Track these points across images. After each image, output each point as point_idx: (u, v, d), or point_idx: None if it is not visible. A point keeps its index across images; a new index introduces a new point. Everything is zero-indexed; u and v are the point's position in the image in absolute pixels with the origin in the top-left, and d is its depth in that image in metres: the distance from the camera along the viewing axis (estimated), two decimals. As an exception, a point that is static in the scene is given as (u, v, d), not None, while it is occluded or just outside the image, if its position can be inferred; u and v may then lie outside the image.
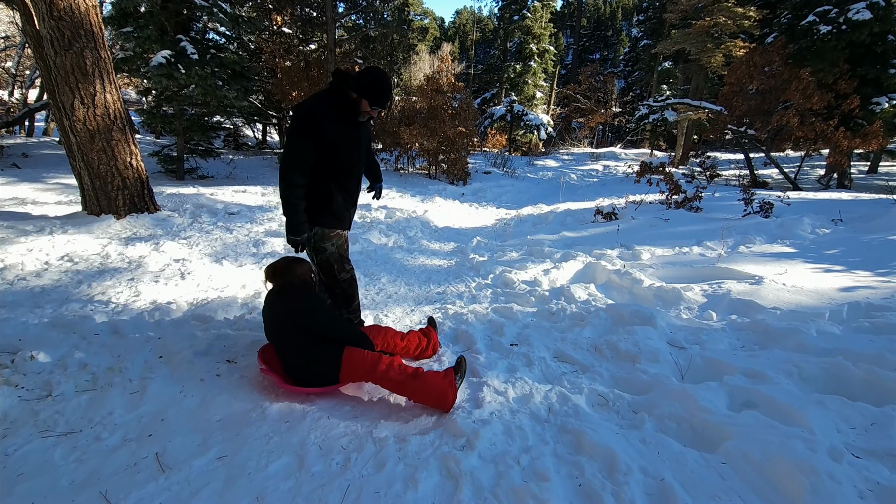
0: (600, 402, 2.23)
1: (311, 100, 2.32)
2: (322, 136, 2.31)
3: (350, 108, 2.38)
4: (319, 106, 2.31)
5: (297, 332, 2.20)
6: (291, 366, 2.23)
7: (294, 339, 2.21)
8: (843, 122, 11.24)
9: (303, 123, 2.28)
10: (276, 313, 2.25)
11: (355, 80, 2.32)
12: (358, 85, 2.32)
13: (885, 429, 1.82)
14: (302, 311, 2.20)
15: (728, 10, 15.44)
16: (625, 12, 46.99)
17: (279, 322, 2.24)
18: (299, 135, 2.30)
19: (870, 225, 5.35)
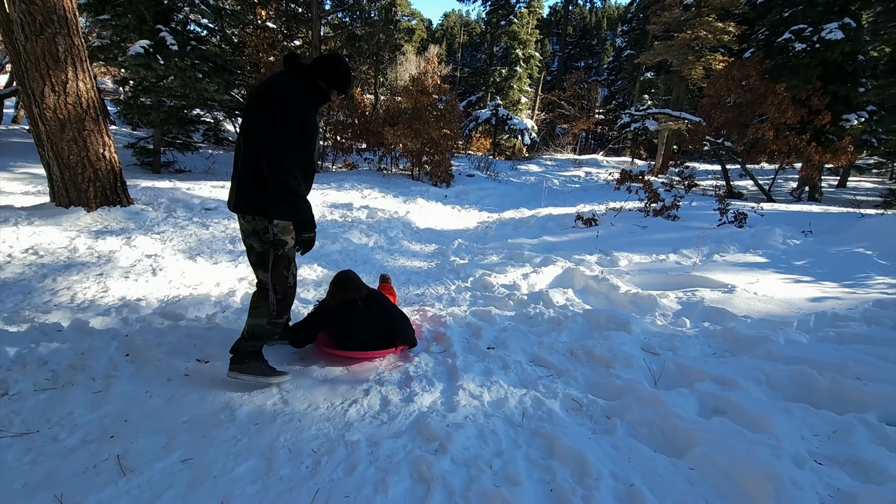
0: (574, 406, 2.24)
1: (296, 87, 2.12)
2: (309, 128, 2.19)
3: (323, 99, 2.30)
4: (304, 94, 2.17)
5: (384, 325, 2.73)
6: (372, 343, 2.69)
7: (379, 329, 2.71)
8: (815, 136, 11.62)
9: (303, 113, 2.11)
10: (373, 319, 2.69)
11: (324, 71, 2.23)
12: (329, 77, 2.24)
13: (847, 436, 1.87)
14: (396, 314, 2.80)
15: (709, 24, 15.82)
16: (610, 22, 47.79)
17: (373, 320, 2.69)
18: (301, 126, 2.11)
19: (838, 237, 5.53)
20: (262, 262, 2.24)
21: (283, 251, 2.23)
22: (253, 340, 2.28)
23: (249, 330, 2.27)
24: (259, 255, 2.24)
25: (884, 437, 1.87)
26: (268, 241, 2.20)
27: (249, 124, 2.11)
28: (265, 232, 2.20)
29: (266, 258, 2.23)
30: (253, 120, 2.08)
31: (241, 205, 2.20)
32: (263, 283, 2.27)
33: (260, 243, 2.22)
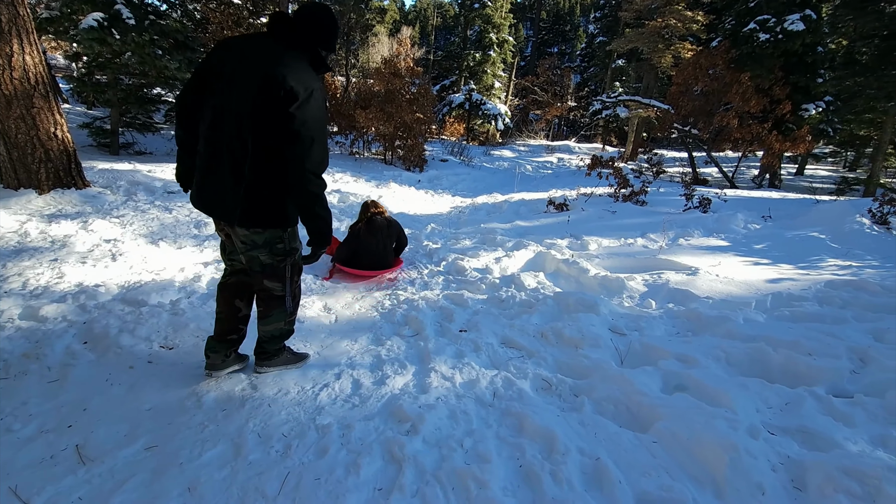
0: (544, 386, 2.28)
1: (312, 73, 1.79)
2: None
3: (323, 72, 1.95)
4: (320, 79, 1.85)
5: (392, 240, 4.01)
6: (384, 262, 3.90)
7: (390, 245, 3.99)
8: (776, 125, 12.04)
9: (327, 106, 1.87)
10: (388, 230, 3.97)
11: (326, 38, 1.86)
12: (331, 42, 1.89)
13: (797, 408, 1.98)
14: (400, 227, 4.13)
15: (678, 12, 16.05)
16: (583, 8, 47.88)
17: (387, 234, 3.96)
18: (325, 118, 1.82)
19: (794, 222, 5.78)
20: (274, 274, 2.01)
21: (293, 259, 2.05)
22: (275, 341, 2.20)
23: (267, 335, 2.16)
24: (269, 266, 1.99)
25: (831, 408, 1.99)
26: (281, 252, 1.97)
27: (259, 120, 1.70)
28: (279, 242, 1.95)
29: (279, 270, 2.01)
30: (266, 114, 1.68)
31: (251, 217, 1.83)
32: (272, 290, 2.06)
33: (270, 255, 1.96)
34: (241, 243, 1.93)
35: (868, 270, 3.97)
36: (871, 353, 2.39)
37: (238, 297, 2.14)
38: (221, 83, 1.75)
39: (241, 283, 2.12)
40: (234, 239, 1.96)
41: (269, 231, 1.90)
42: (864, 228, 5.07)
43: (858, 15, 10.88)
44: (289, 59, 1.72)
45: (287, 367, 2.30)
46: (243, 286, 2.13)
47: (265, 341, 2.18)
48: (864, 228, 5.07)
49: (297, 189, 1.77)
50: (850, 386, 2.20)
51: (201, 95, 1.83)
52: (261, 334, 2.17)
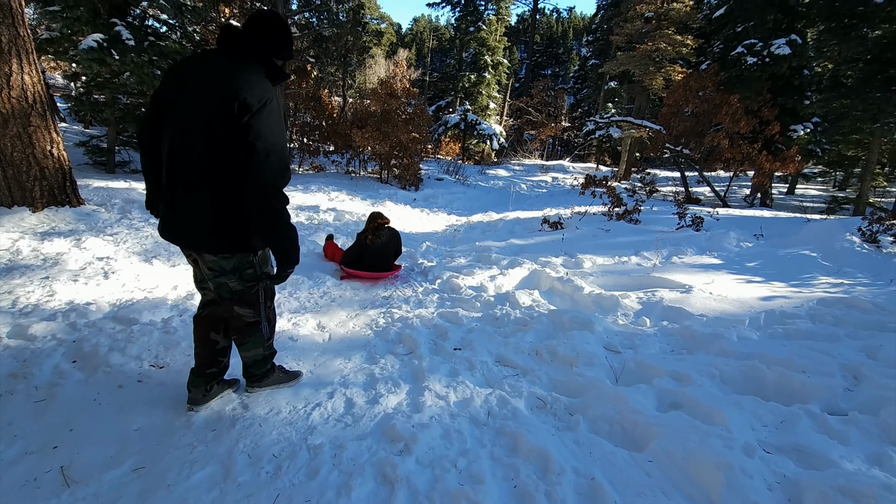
0: (538, 404, 2.27)
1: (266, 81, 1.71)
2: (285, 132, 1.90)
3: (284, 79, 1.90)
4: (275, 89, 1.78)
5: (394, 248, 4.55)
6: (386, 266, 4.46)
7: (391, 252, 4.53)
8: (765, 146, 12.26)
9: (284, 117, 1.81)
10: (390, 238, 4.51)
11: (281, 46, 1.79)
12: (286, 50, 1.82)
13: (792, 426, 1.98)
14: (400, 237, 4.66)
15: (668, 37, 16.49)
16: (576, 32, 49.06)
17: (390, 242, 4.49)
18: (283, 130, 1.73)
19: (786, 240, 5.84)
20: (244, 300, 1.92)
21: (267, 283, 1.96)
22: (259, 365, 2.15)
23: (250, 361, 2.12)
24: (239, 293, 1.90)
25: (825, 426, 1.98)
26: (251, 277, 1.89)
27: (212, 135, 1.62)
28: (248, 267, 1.86)
29: (250, 295, 1.93)
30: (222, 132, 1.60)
31: (217, 242, 1.74)
32: (244, 317, 1.96)
33: (240, 281, 1.87)
34: (209, 270, 1.83)
35: (859, 288, 4.00)
36: (864, 370, 2.40)
37: (213, 329, 2.03)
38: (175, 107, 1.69)
39: (214, 314, 2.02)
40: (202, 266, 1.86)
41: (238, 256, 1.81)
42: (854, 247, 5.12)
43: (842, 40, 11.21)
44: (241, 71, 1.65)
45: (279, 386, 2.27)
46: (218, 318, 2.03)
47: (250, 366, 2.15)
48: (854, 247, 5.12)
49: (255, 205, 1.65)
50: (844, 404, 2.20)
51: (160, 123, 1.76)
52: (244, 360, 2.14)
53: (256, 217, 1.68)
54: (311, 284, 3.99)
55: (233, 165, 1.63)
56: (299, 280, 4.00)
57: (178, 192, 1.71)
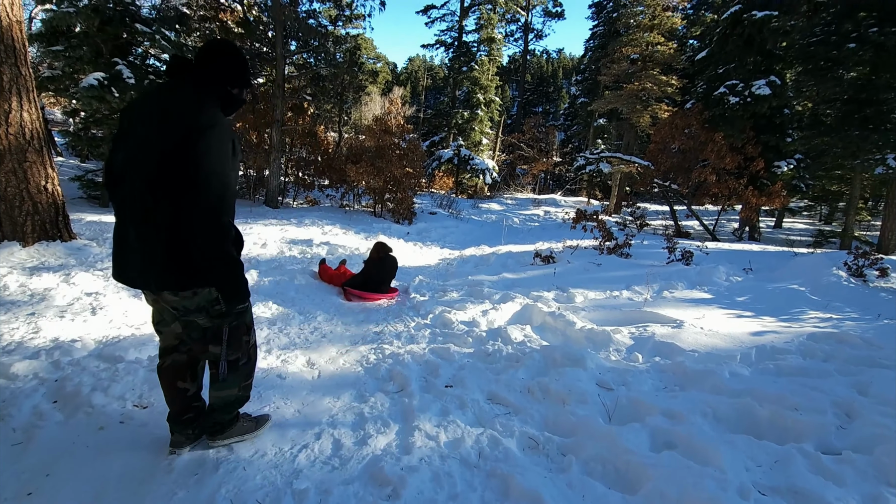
0: (531, 444, 2.23)
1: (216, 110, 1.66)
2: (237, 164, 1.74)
3: (239, 107, 1.87)
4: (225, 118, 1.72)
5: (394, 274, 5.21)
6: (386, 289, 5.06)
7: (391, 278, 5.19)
8: (751, 181, 12.58)
9: (232, 144, 1.65)
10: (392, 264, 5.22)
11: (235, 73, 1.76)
12: (242, 78, 1.78)
13: (787, 466, 1.95)
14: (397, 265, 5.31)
15: (654, 77, 17.16)
16: (565, 71, 50.83)
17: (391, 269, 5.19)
18: (233, 160, 1.66)
19: (774, 274, 5.91)
20: (214, 338, 1.83)
21: (239, 321, 1.87)
22: (229, 409, 1.99)
23: (220, 402, 1.95)
24: (211, 330, 1.81)
25: (820, 465, 1.96)
26: (220, 313, 1.78)
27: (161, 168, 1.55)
28: (216, 303, 1.75)
29: (220, 333, 1.82)
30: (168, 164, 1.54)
31: (176, 280, 1.64)
32: (218, 356, 1.85)
33: (209, 318, 1.78)
34: (173, 310, 1.75)
35: (848, 323, 4.03)
36: (856, 407, 2.39)
37: (180, 378, 1.94)
38: (125, 145, 1.66)
39: (177, 363, 1.93)
40: (164, 307, 1.77)
41: (203, 292, 1.71)
42: (841, 281, 5.19)
43: (819, 81, 11.71)
44: (187, 101, 1.61)
45: (245, 437, 2.09)
46: (181, 366, 1.93)
47: (217, 409, 1.96)
48: (841, 281, 5.19)
49: (194, 237, 1.56)
50: (838, 442, 2.18)
51: None
52: (212, 400, 1.95)
53: (198, 249, 1.58)
54: (301, 320, 3.96)
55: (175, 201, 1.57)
56: (290, 315, 3.98)
57: (129, 231, 1.65)
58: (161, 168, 1.55)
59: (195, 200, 1.53)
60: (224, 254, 1.62)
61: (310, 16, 11.23)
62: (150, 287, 1.69)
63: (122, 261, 1.72)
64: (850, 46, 10.39)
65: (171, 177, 1.55)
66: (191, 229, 1.56)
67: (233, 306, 1.76)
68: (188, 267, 1.63)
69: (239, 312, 1.82)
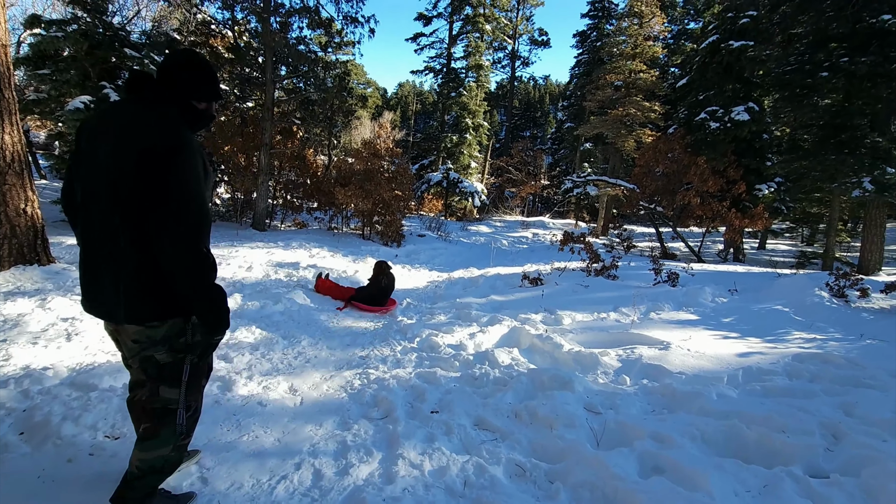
0: (517, 472, 2.17)
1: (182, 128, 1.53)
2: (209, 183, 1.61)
3: (208, 122, 1.76)
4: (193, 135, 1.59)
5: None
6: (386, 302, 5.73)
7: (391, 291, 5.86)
8: (734, 203, 12.83)
9: (205, 167, 1.54)
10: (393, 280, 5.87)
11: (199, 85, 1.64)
12: (208, 90, 1.66)
13: (776, 490, 1.92)
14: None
15: (637, 103, 17.65)
16: (552, 97, 52.04)
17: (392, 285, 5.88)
18: (206, 181, 1.54)
19: (759, 295, 5.97)
20: (173, 377, 1.62)
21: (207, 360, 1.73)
22: (152, 476, 1.69)
23: (145, 466, 1.65)
24: (168, 367, 1.61)
25: (809, 489, 1.93)
26: (183, 347, 1.61)
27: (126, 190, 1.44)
28: (181, 335, 1.60)
29: (179, 370, 1.62)
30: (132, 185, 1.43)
31: (142, 309, 1.52)
32: (169, 402, 1.63)
33: (170, 353, 1.60)
34: (134, 343, 1.57)
35: (832, 343, 4.06)
36: (843, 428, 2.38)
37: None
38: (84, 166, 1.54)
39: None
40: (125, 340, 1.61)
41: (169, 322, 1.56)
42: (823, 301, 5.26)
43: (796, 107, 12.13)
44: (150, 117, 1.50)
45: None
46: None
47: (137, 477, 1.66)
48: (823, 301, 5.26)
49: (175, 267, 1.46)
50: (826, 464, 2.16)
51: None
52: (134, 465, 1.66)
53: (173, 278, 1.48)
54: (285, 344, 3.88)
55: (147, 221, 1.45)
56: (273, 340, 3.90)
57: (93, 259, 1.54)
58: (125, 192, 1.44)
59: (171, 229, 1.43)
60: (209, 285, 1.53)
61: (300, 42, 11.41)
62: (117, 318, 1.54)
63: (88, 290, 1.59)
64: (823, 75, 10.81)
65: (137, 201, 1.44)
66: (169, 260, 1.45)
67: (212, 337, 1.66)
68: (160, 296, 1.52)
69: (206, 348, 1.68)
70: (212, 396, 2.74)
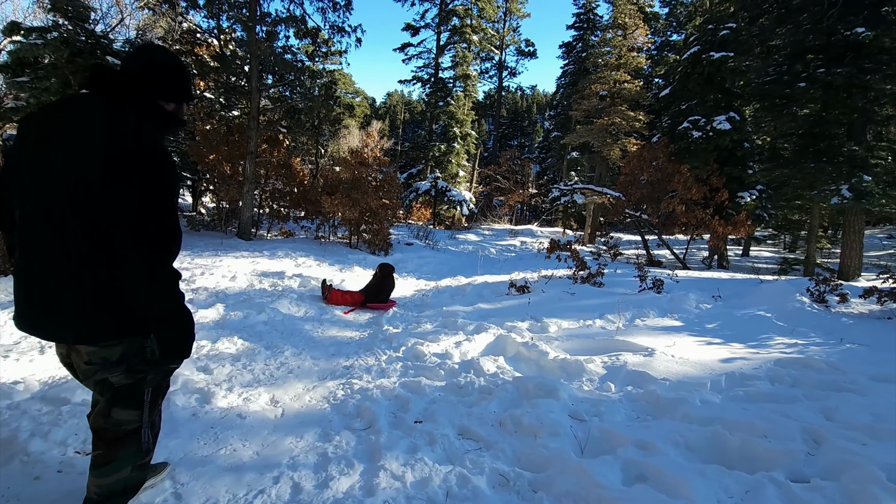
0: (501, 481, 2.15)
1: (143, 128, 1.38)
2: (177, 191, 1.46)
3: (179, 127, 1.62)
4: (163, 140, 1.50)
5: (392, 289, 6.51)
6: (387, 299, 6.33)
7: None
8: (717, 211, 13.04)
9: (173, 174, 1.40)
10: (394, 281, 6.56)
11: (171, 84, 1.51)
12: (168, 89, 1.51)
13: (758, 496, 1.92)
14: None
15: (622, 112, 17.92)
16: (539, 107, 52.66)
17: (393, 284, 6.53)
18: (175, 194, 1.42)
19: (742, 301, 6.04)
20: (130, 398, 1.51)
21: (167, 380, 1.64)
22: (115, 499, 1.57)
23: (104, 491, 1.54)
24: (124, 389, 1.49)
25: (790, 495, 1.93)
26: (141, 368, 1.49)
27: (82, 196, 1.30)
28: (138, 354, 1.47)
29: (138, 391, 1.52)
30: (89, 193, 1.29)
31: (97, 327, 1.39)
32: (124, 425, 1.52)
33: (126, 374, 1.48)
34: (87, 365, 1.45)
35: (813, 347, 4.11)
36: (824, 432, 2.40)
37: None
38: (31, 167, 1.37)
39: None
40: (77, 363, 1.48)
41: (128, 340, 1.44)
42: (804, 307, 5.33)
43: (776, 117, 12.41)
44: (119, 118, 1.36)
45: None
46: None
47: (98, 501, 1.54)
48: (804, 307, 5.33)
49: (132, 282, 1.33)
50: (807, 469, 2.16)
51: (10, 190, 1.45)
52: (91, 492, 1.54)
53: (135, 296, 1.36)
54: (268, 355, 3.82)
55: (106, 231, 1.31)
56: (255, 350, 3.83)
57: (37, 272, 1.37)
58: (84, 200, 1.30)
59: (143, 245, 1.31)
60: (176, 305, 1.41)
61: (286, 51, 11.40)
62: (66, 339, 1.41)
63: (28, 307, 1.41)
64: (801, 85, 11.08)
65: (97, 211, 1.30)
66: (139, 280, 1.33)
67: (170, 363, 1.52)
68: (115, 311, 1.38)
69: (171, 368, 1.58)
70: (189, 409, 2.68)
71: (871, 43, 10.07)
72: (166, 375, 1.61)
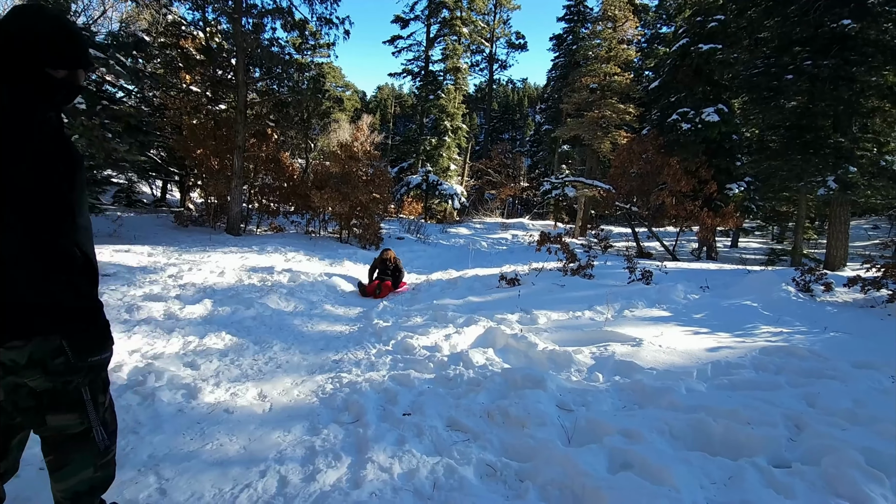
0: (488, 472, 2.16)
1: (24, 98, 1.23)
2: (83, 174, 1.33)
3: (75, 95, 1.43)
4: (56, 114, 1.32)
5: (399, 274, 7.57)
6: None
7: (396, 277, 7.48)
8: (706, 203, 13.13)
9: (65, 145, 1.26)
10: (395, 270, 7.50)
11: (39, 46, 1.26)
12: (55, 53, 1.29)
13: (740, 481, 1.95)
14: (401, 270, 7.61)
15: (612, 105, 17.95)
16: (530, 100, 52.56)
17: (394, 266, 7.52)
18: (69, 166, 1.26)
19: (729, 291, 6.11)
20: (62, 403, 1.35)
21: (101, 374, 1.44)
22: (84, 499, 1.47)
23: (69, 493, 1.44)
24: (50, 393, 1.32)
25: (772, 479, 1.97)
26: (64, 369, 1.30)
27: None
28: (57, 355, 1.28)
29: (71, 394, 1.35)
30: None
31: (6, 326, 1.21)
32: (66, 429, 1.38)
33: (48, 377, 1.29)
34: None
35: (797, 336, 4.17)
36: (805, 418, 2.44)
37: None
38: None
39: None
40: None
41: (36, 341, 1.25)
42: (790, 296, 5.40)
43: (763, 109, 12.48)
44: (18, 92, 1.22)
45: None
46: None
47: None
48: (790, 296, 5.40)
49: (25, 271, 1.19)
50: (789, 454, 2.20)
51: None
52: (58, 496, 1.45)
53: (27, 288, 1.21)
54: (256, 350, 3.80)
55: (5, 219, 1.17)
56: (244, 345, 3.81)
57: None
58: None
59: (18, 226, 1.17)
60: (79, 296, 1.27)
61: (272, 43, 11.24)
62: None
63: None
64: (788, 77, 11.15)
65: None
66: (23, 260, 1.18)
67: (84, 359, 1.33)
68: (16, 308, 1.21)
69: (95, 366, 1.38)
70: (175, 405, 2.66)
71: (856, 35, 10.15)
72: (96, 372, 1.41)
